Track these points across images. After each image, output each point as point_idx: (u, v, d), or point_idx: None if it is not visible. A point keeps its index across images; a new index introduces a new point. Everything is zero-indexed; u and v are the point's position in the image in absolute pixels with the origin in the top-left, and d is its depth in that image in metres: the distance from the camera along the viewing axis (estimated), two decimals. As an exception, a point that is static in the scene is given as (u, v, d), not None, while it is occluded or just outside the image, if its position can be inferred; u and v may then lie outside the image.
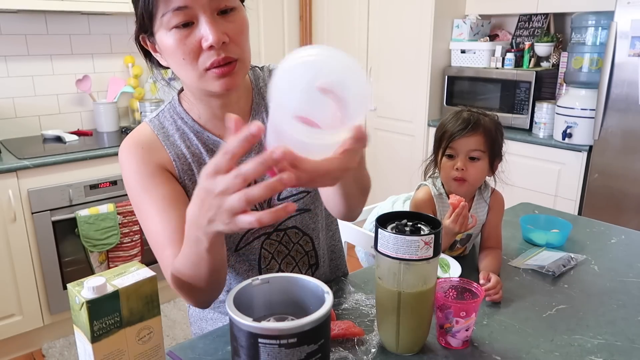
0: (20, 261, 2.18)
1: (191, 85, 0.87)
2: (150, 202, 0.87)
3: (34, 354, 2.33)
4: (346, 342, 0.87)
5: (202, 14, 0.77)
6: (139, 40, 0.87)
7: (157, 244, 0.87)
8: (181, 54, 0.78)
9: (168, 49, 0.80)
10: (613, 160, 2.36)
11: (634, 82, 2.23)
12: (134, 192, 0.89)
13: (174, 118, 0.94)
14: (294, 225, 1.02)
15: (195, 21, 0.77)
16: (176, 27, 0.77)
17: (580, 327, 0.95)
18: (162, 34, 0.80)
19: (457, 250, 1.24)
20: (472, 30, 3.06)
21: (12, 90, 2.56)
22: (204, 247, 0.68)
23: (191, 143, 0.93)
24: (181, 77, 0.86)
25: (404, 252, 0.78)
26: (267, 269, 1.01)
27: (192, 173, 0.93)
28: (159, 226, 0.86)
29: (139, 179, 0.88)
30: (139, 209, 0.89)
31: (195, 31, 0.77)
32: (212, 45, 0.76)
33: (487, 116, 1.17)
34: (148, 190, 0.88)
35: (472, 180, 1.14)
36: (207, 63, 0.79)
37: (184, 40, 0.77)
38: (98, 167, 2.32)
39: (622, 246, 1.33)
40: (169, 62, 0.84)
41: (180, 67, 0.82)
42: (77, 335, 0.68)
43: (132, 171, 0.89)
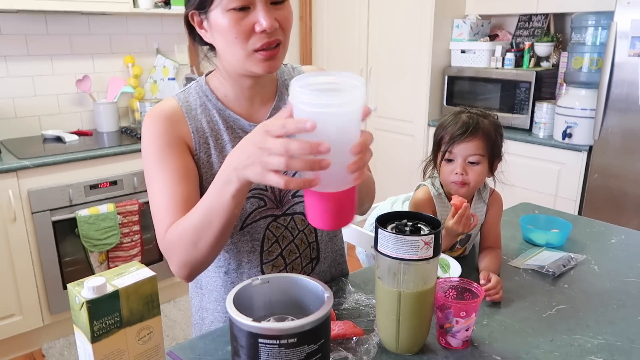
0: (20, 261, 2.19)
1: (234, 63, 0.92)
2: (163, 171, 0.91)
3: (34, 354, 2.33)
4: (346, 342, 0.87)
5: (259, 2, 0.85)
6: (186, 15, 0.93)
7: (159, 211, 0.90)
8: (234, 33, 0.85)
9: (222, 28, 0.86)
10: (613, 160, 2.36)
11: (634, 82, 2.23)
12: (148, 159, 0.93)
13: (199, 94, 0.99)
14: (301, 211, 1.04)
15: (252, 6, 0.85)
16: (233, 9, 0.84)
17: (580, 327, 0.95)
18: (218, 13, 0.86)
19: (457, 250, 1.24)
20: (472, 30, 3.06)
21: (12, 90, 2.56)
22: (231, 190, 0.74)
23: (212, 119, 0.98)
24: (226, 55, 0.91)
25: (404, 252, 0.78)
26: (269, 252, 1.02)
27: (208, 147, 0.97)
28: (165, 195, 0.89)
29: (157, 147, 0.92)
30: (150, 176, 0.93)
31: (250, 15, 0.85)
32: (265, 29, 0.85)
33: (486, 117, 1.16)
34: (163, 160, 0.92)
35: (472, 183, 1.14)
36: (257, 45, 0.86)
37: (239, 22, 0.85)
38: (98, 167, 2.32)
39: (622, 246, 1.33)
40: (217, 40, 0.90)
41: (229, 45, 0.88)
42: (77, 335, 0.68)
43: (152, 139, 0.93)
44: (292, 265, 1.05)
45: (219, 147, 0.97)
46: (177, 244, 0.85)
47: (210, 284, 1.05)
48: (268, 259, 1.02)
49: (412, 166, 3.39)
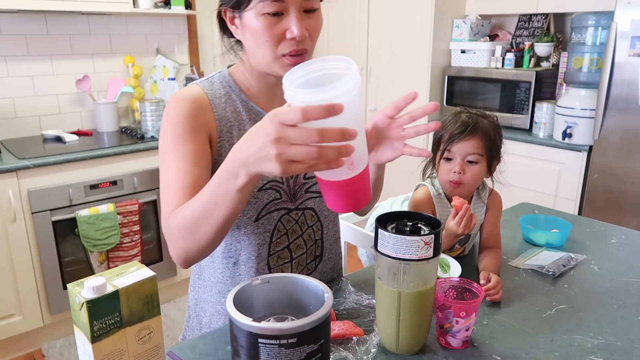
0: (20, 261, 2.19)
1: (260, 63, 0.94)
2: (179, 153, 0.91)
3: (34, 354, 2.33)
4: (346, 342, 0.87)
5: (292, 9, 0.88)
6: (219, 11, 0.95)
7: (167, 193, 0.90)
8: (266, 37, 0.88)
9: (254, 29, 0.89)
10: (613, 160, 2.36)
11: (634, 82, 2.23)
12: (167, 140, 0.93)
13: (223, 84, 1.01)
14: (312, 207, 1.06)
15: (285, 13, 0.88)
16: (267, 13, 0.87)
17: (580, 327, 0.95)
18: (252, 15, 0.89)
19: (456, 250, 1.24)
20: (472, 30, 3.06)
21: (12, 90, 2.56)
22: (238, 184, 0.71)
23: (235, 109, 1.00)
24: (254, 54, 0.94)
25: (404, 252, 0.78)
26: (277, 242, 1.03)
27: (232, 136, 0.98)
28: (177, 177, 0.90)
29: (178, 129, 0.93)
30: (164, 157, 0.93)
31: (282, 21, 0.88)
32: (295, 37, 0.88)
33: (486, 118, 1.16)
34: (181, 141, 0.92)
35: (468, 183, 1.14)
36: (285, 50, 0.90)
37: (272, 27, 0.88)
38: (98, 167, 2.32)
39: (622, 246, 1.33)
40: (247, 39, 0.93)
41: (258, 46, 0.91)
42: (77, 335, 0.68)
43: (175, 120, 0.93)
44: (298, 260, 1.06)
45: (240, 137, 0.97)
46: (176, 230, 0.84)
47: (214, 275, 1.05)
48: (275, 250, 1.03)
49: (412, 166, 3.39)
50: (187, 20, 3.08)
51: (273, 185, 1.00)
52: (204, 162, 0.94)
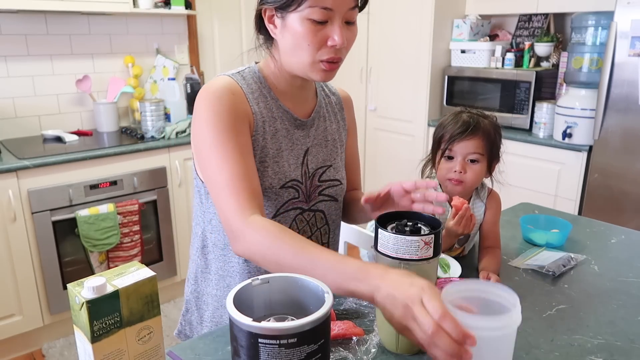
0: (20, 261, 2.19)
1: (294, 65, 0.96)
2: (230, 147, 0.91)
3: (34, 354, 2.34)
4: (346, 342, 0.87)
5: (337, 19, 0.91)
6: (260, 10, 0.96)
7: (227, 188, 0.89)
8: (308, 41, 0.91)
9: (296, 32, 0.91)
10: (613, 160, 2.36)
11: (634, 82, 2.23)
12: (212, 133, 0.91)
13: (254, 79, 1.02)
14: (322, 209, 1.09)
15: (329, 22, 0.91)
16: (312, 20, 0.89)
17: (580, 327, 0.95)
18: (296, 18, 0.90)
19: (456, 250, 1.24)
20: (472, 30, 3.06)
21: (12, 90, 2.56)
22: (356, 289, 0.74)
23: (267, 105, 1.01)
24: (290, 56, 0.95)
25: (404, 252, 0.78)
26: None
27: (264, 131, 0.99)
28: (235, 172, 0.89)
29: (224, 122, 0.92)
30: (212, 150, 0.91)
31: (325, 29, 0.91)
32: (336, 45, 0.91)
33: (486, 118, 1.17)
34: (230, 133, 0.91)
35: (469, 182, 1.14)
36: (323, 56, 0.93)
37: (315, 33, 0.90)
38: (98, 167, 2.32)
39: (622, 246, 1.33)
40: (286, 40, 0.94)
41: (297, 49, 0.93)
42: (77, 335, 0.68)
43: (218, 112, 0.92)
44: None
45: (271, 133, 1.00)
46: (264, 247, 0.84)
47: (223, 269, 1.05)
48: None
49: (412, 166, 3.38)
50: (187, 20, 3.08)
51: (294, 184, 1.02)
52: (250, 153, 0.95)
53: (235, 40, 3.37)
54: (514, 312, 0.69)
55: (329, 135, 1.11)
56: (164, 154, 2.54)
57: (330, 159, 1.10)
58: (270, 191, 0.99)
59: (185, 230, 2.70)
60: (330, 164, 1.10)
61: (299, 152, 1.04)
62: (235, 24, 3.34)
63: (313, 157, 1.07)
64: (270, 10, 0.94)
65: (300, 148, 1.04)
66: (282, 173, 1.00)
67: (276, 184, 1.00)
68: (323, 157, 1.09)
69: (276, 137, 1.00)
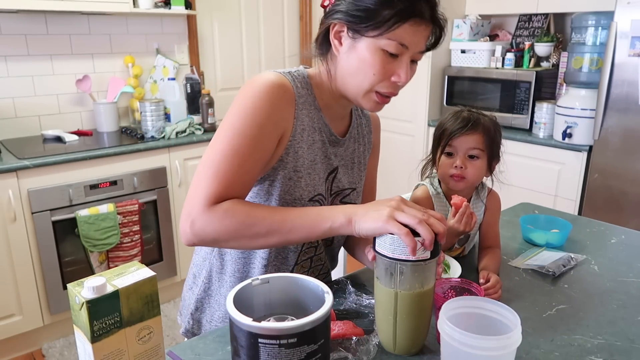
0: (20, 261, 2.19)
1: (349, 87, 0.94)
2: (246, 140, 0.88)
3: (34, 354, 2.33)
4: (346, 342, 0.87)
5: (407, 57, 0.90)
6: (329, 23, 0.93)
7: (221, 166, 0.86)
8: (375, 71, 0.89)
9: (365, 59, 0.89)
10: (613, 160, 2.36)
11: (634, 82, 2.23)
12: (238, 120, 0.88)
13: (303, 85, 0.98)
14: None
15: (400, 56, 0.90)
16: (385, 51, 0.88)
17: (580, 327, 0.95)
18: (369, 44, 0.89)
19: (456, 250, 1.24)
20: (472, 30, 3.06)
21: (12, 90, 2.56)
22: (335, 224, 0.82)
23: (309, 113, 0.98)
24: (349, 78, 0.93)
25: (402, 252, 0.78)
26: (305, 252, 1.06)
27: (302, 140, 0.96)
28: (234, 162, 0.87)
29: (257, 117, 0.88)
30: (225, 132, 0.89)
31: (395, 63, 0.90)
32: (400, 82, 0.91)
33: (486, 116, 1.17)
34: (255, 130, 0.88)
35: (471, 178, 1.14)
36: (382, 89, 0.92)
37: (384, 64, 0.89)
38: (98, 167, 2.32)
39: (622, 246, 1.33)
40: (350, 62, 0.92)
41: (359, 75, 0.91)
42: (77, 335, 0.68)
43: (258, 108, 0.89)
44: (313, 270, 1.10)
45: (308, 142, 0.98)
46: (231, 216, 0.84)
47: (242, 271, 1.04)
48: (302, 259, 1.06)
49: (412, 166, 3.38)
50: (187, 20, 3.08)
51: (320, 198, 1.02)
52: (263, 157, 0.91)
53: (235, 40, 3.37)
54: (514, 332, 0.69)
55: (355, 157, 1.10)
56: (164, 154, 2.54)
57: (355, 182, 1.11)
58: (299, 203, 0.98)
59: (185, 230, 2.70)
60: (354, 187, 1.10)
61: (327, 168, 1.03)
62: (235, 24, 3.34)
63: (340, 177, 1.06)
64: (340, 26, 0.92)
65: (330, 164, 1.03)
66: (312, 186, 0.99)
67: (306, 196, 0.98)
68: (349, 179, 1.09)
69: (312, 149, 0.98)
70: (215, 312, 1.09)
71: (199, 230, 0.85)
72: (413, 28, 0.88)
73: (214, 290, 1.09)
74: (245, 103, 0.89)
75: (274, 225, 0.84)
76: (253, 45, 3.45)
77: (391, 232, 0.77)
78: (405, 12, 0.86)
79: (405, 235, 0.76)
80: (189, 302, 1.13)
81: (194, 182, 0.88)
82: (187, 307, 1.14)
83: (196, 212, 0.85)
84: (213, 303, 1.09)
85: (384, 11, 0.86)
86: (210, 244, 0.88)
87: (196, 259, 1.13)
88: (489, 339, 0.68)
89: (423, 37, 0.90)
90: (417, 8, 0.86)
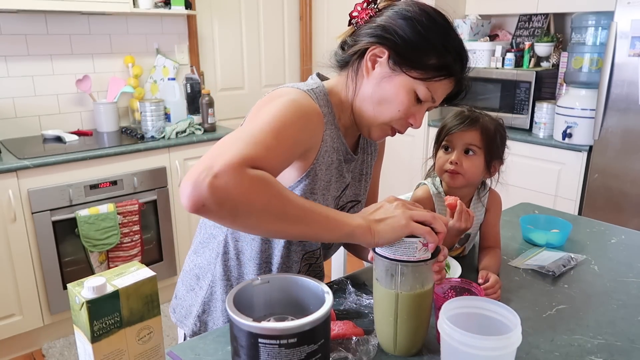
0: (20, 261, 2.19)
1: (366, 116, 0.96)
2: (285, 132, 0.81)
3: (34, 354, 2.33)
4: (346, 342, 0.87)
5: (426, 106, 0.95)
6: (370, 44, 0.91)
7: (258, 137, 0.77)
8: (401, 108, 0.92)
9: (397, 93, 0.91)
10: (613, 160, 2.36)
11: (634, 82, 2.23)
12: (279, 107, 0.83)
13: (325, 102, 0.95)
14: None
15: (425, 104, 0.94)
16: (417, 95, 0.91)
17: (580, 327, 0.95)
18: (407, 82, 0.90)
19: (456, 250, 1.24)
20: (472, 30, 3.06)
21: (12, 90, 2.56)
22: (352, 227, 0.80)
23: (331, 133, 0.95)
24: (374, 104, 0.94)
25: (402, 253, 0.78)
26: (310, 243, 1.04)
27: (322, 161, 0.93)
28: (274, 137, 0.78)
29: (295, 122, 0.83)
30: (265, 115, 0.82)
31: (416, 107, 0.93)
32: (413, 127, 0.96)
33: (489, 117, 1.17)
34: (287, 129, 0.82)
35: (466, 173, 1.13)
36: (396, 126, 0.96)
37: (409, 105, 0.92)
38: (98, 167, 2.32)
39: (622, 246, 1.33)
40: (380, 90, 0.92)
41: (386, 105, 0.92)
42: (77, 335, 0.68)
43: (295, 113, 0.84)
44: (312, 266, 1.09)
45: (326, 164, 0.95)
46: (267, 187, 0.73)
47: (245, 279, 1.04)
48: (302, 266, 1.05)
49: (412, 166, 3.39)
50: (187, 20, 3.08)
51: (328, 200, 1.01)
52: (292, 155, 0.85)
53: (235, 40, 3.37)
54: (514, 332, 0.69)
55: (364, 169, 1.10)
56: (164, 154, 2.54)
57: (361, 194, 1.11)
58: None
59: (185, 231, 2.70)
60: (360, 200, 1.10)
61: (340, 187, 1.02)
62: (235, 24, 3.34)
63: (347, 193, 1.06)
64: (380, 52, 0.90)
65: (343, 182, 1.03)
66: (325, 204, 0.98)
67: None
68: (355, 191, 1.09)
69: (330, 169, 0.97)
70: (220, 317, 1.09)
71: (221, 187, 0.68)
72: (446, 85, 0.93)
73: (217, 298, 1.09)
74: (284, 105, 0.84)
75: (302, 212, 0.77)
76: (253, 45, 3.45)
77: (415, 235, 0.78)
78: (451, 70, 0.91)
79: (429, 233, 0.78)
80: (190, 304, 1.12)
81: (220, 145, 0.76)
82: (187, 309, 1.13)
83: (225, 166, 0.69)
84: (219, 307, 1.09)
85: (435, 60, 0.89)
86: (225, 213, 0.71)
87: (199, 261, 1.11)
88: (489, 339, 0.68)
89: (447, 91, 0.95)
90: (459, 69, 0.92)
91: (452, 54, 0.91)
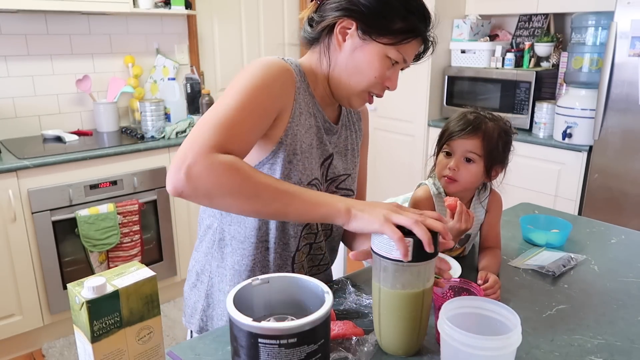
0: (20, 261, 2.19)
1: (342, 86, 0.99)
2: (251, 98, 0.86)
3: (34, 354, 2.34)
4: (346, 342, 0.87)
5: (400, 67, 0.98)
6: (337, 17, 0.94)
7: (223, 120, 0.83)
8: (376, 74, 0.95)
9: (370, 61, 0.94)
10: (613, 160, 2.36)
11: (634, 82, 2.23)
12: (245, 83, 0.88)
13: (299, 73, 0.98)
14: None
15: (397, 65, 0.97)
16: (390, 59, 0.94)
17: (580, 327, 0.95)
18: (378, 49, 0.93)
19: (456, 250, 1.24)
20: (472, 30, 3.06)
21: (12, 90, 2.56)
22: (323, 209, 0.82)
23: (305, 98, 0.98)
24: (346, 76, 0.97)
25: (384, 249, 0.78)
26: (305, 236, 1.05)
27: (299, 122, 0.96)
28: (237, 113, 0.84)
29: (264, 87, 0.88)
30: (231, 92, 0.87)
31: (392, 69, 0.96)
32: (390, 88, 0.99)
33: (494, 121, 1.14)
34: (258, 93, 0.87)
35: (462, 181, 1.13)
36: (375, 90, 0.98)
37: (384, 70, 0.95)
38: (98, 167, 2.32)
39: (622, 246, 1.33)
40: (354, 60, 0.95)
41: (360, 74, 0.96)
42: (77, 335, 0.68)
43: (266, 79, 0.89)
44: (312, 257, 1.09)
45: (306, 126, 0.99)
46: (235, 173, 0.80)
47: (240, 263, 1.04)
48: (302, 244, 1.05)
49: (412, 166, 3.39)
50: (187, 20, 3.08)
51: (316, 182, 1.02)
52: (263, 122, 0.89)
53: (235, 40, 3.37)
54: (514, 332, 0.69)
55: (349, 144, 1.12)
56: (164, 154, 2.54)
57: (350, 169, 1.12)
58: None
59: (185, 230, 2.70)
60: (349, 173, 1.11)
61: (322, 154, 1.04)
62: (235, 24, 3.34)
63: (335, 164, 1.07)
64: (348, 24, 0.93)
65: (325, 150, 1.04)
66: (309, 169, 1.00)
67: (304, 179, 0.99)
68: (344, 165, 1.10)
69: (309, 133, 0.99)
70: (222, 310, 1.08)
71: (196, 176, 0.78)
72: (414, 45, 0.95)
73: (214, 287, 1.09)
74: (252, 72, 0.89)
75: (276, 193, 0.82)
76: (253, 45, 3.45)
77: (386, 234, 0.77)
78: (418, 31, 0.93)
79: (398, 239, 0.76)
80: (195, 301, 1.12)
81: (192, 133, 0.84)
82: (193, 306, 1.13)
83: (196, 157, 0.79)
84: (217, 300, 1.09)
85: (401, 24, 0.92)
86: (200, 197, 0.81)
87: (198, 256, 1.11)
88: (489, 339, 0.68)
89: (417, 51, 0.98)
90: (424, 27, 0.95)
91: (415, 14, 0.93)
